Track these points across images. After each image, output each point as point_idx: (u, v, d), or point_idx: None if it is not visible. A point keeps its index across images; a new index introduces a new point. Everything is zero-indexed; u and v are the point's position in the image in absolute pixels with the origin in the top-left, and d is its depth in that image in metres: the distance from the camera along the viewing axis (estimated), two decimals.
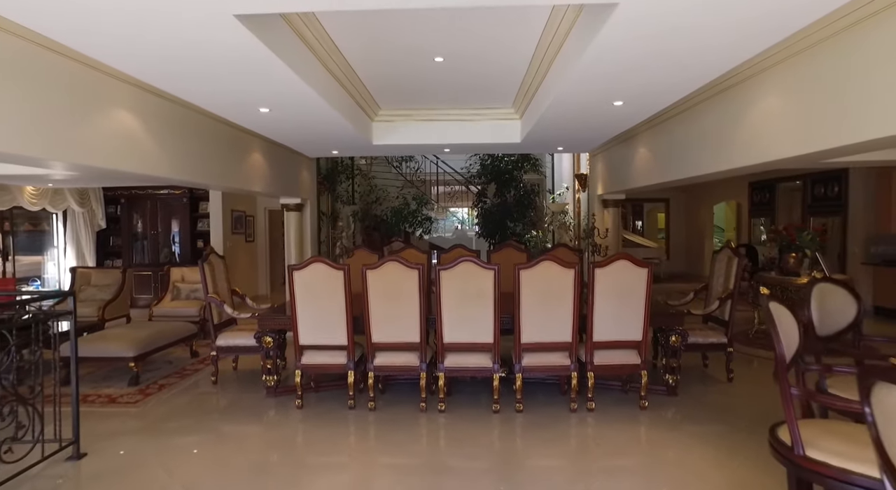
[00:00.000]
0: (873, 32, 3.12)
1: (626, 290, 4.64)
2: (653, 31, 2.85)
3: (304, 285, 4.77)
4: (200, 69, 3.48)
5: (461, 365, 4.81)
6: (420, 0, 2.45)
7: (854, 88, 3.29)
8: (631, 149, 7.23)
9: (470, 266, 4.64)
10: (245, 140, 6.53)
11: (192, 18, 2.64)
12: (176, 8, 2.52)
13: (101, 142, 4.23)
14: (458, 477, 3.67)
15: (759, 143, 4.51)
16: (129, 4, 2.44)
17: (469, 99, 5.91)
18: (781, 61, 4.07)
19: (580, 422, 4.63)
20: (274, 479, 3.65)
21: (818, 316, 2.95)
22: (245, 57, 3.20)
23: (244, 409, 5.07)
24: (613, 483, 3.60)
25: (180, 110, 5.24)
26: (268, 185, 7.25)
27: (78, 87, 4.02)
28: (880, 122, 3.02)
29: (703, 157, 5.42)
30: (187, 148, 5.45)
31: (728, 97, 4.94)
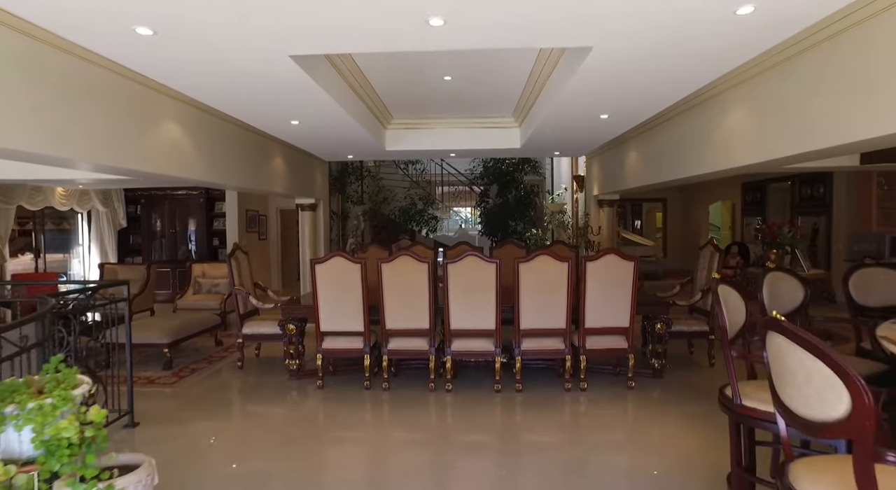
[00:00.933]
0: (813, 61, 3.67)
1: (614, 282, 5.17)
2: (618, 68, 3.46)
3: (326, 277, 5.30)
4: (253, 93, 4.11)
5: (466, 349, 5.34)
6: (433, 44, 2.98)
7: (801, 107, 3.84)
8: (623, 153, 7.77)
9: (474, 260, 5.17)
10: (268, 146, 7.09)
11: (258, 58, 3.22)
12: (246, 50, 3.10)
13: (155, 150, 4.81)
14: (464, 450, 4.15)
15: (727, 150, 5.06)
16: (212, 52, 3.01)
17: (473, 110, 6.49)
18: (743, 81, 4.61)
19: (573, 400, 5.15)
20: (299, 451, 4.12)
21: (769, 299, 3.48)
22: (291, 84, 3.80)
23: (269, 390, 5.60)
24: (603, 456, 4.08)
25: (215, 121, 5.81)
26: (287, 186, 7.82)
27: (138, 104, 4.58)
28: (823, 136, 3.56)
29: (684, 161, 5.96)
30: (221, 154, 6.01)
31: (703, 110, 5.49)
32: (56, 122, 3.56)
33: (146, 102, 4.67)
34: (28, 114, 3.34)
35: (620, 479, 3.65)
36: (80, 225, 11.21)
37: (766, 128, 4.33)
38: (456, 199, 15.74)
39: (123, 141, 4.35)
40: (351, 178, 11.95)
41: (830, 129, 3.51)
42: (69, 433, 1.88)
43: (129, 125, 4.44)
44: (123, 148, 4.34)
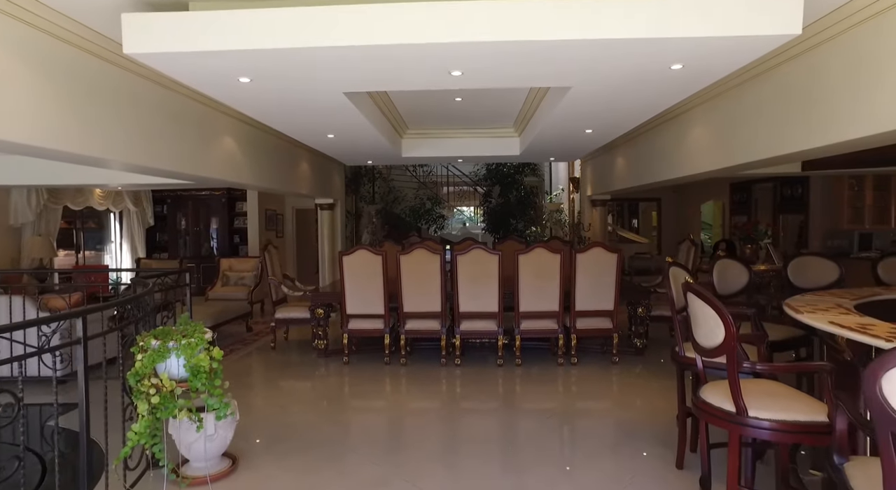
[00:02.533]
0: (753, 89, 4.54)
1: (601, 271, 6.01)
2: (592, 100, 4.45)
3: (351, 267, 6.16)
4: (309, 117, 5.10)
5: (473, 329, 6.19)
6: (452, 85, 3.86)
7: (747, 125, 4.70)
8: (612, 158, 8.63)
9: (480, 252, 6.03)
10: (296, 152, 8.00)
11: (319, 95, 4.20)
12: (312, 91, 4.07)
13: (217, 160, 5.76)
14: (471, 415, 4.93)
15: (692, 159, 5.94)
16: (287, 92, 3.92)
17: (479, 122, 7.42)
18: (702, 103, 5.53)
19: (565, 373, 5.99)
20: (328, 417, 4.86)
21: (718, 281, 4.33)
22: (338, 111, 4.78)
23: (301, 366, 6.46)
24: (591, 420, 4.83)
25: (258, 133, 6.76)
26: (310, 187, 8.72)
27: (204, 123, 5.55)
28: (764, 148, 4.41)
29: (659, 167, 6.85)
30: (262, 161, 6.97)
31: (673, 125, 6.39)
32: (153, 140, 4.51)
33: (209, 120, 5.61)
34: (136, 136, 4.36)
35: (603, 431, 4.48)
36: (113, 223, 12.09)
37: (720, 141, 5.21)
38: (460, 198, 16.65)
39: (196, 153, 5.32)
40: (364, 180, 12.85)
41: (769, 142, 4.36)
42: (204, 363, 2.73)
43: (198, 140, 5.40)
44: (196, 159, 5.32)
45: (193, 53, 2.96)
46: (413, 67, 3.39)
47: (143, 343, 2.81)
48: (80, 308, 2.67)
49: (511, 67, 3.41)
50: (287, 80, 3.67)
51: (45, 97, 3.42)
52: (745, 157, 4.63)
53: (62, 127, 3.56)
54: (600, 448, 4.08)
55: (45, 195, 9.15)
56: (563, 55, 3.16)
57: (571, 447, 4.29)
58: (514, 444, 4.24)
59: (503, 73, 3.55)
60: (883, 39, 3.10)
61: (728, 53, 3.05)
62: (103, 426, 2.87)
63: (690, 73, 3.46)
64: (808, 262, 4.69)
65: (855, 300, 3.29)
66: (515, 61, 3.26)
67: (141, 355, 2.76)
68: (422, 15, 2.84)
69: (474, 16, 2.79)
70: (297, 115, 4.94)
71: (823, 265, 4.60)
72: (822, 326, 2.53)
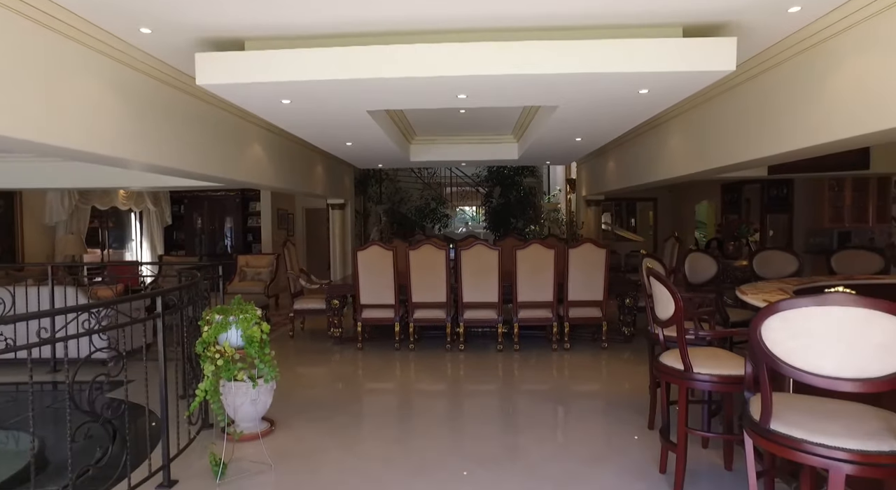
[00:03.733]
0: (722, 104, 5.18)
1: (591, 265, 6.64)
2: (578, 116, 5.17)
3: (365, 261, 6.79)
4: (335, 130, 5.90)
5: (475, 318, 6.82)
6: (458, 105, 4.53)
7: (716, 134, 5.34)
8: (604, 161, 9.27)
9: (481, 248, 6.66)
10: (312, 157, 8.68)
11: (347, 112, 4.91)
12: (341, 111, 4.80)
13: (247, 164, 6.48)
14: (474, 396, 5.48)
15: (671, 164, 6.61)
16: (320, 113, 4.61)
17: (481, 130, 8.11)
18: (679, 115, 6.19)
19: (559, 358, 6.62)
20: (347, 394, 5.51)
21: (689, 272, 4.96)
22: (360, 125, 5.52)
23: (318, 352, 7.09)
24: (580, 396, 5.43)
25: (281, 140, 7.47)
26: (324, 188, 9.38)
27: (238, 132, 6.27)
28: (728, 155, 5.05)
29: (645, 170, 7.50)
30: (284, 165, 7.68)
31: (655, 133, 7.07)
32: (199, 149, 5.23)
33: (242, 130, 6.34)
34: (188, 146, 5.11)
35: (590, 405, 5.13)
36: (134, 223, 12.76)
37: (694, 148, 5.86)
38: (463, 198, 17.31)
39: (232, 159, 6.06)
40: (371, 181, 13.51)
41: (733, 150, 5.00)
42: (256, 334, 3.36)
43: (234, 147, 6.14)
44: (232, 165, 6.07)
45: (248, 84, 3.64)
46: (425, 93, 4.07)
47: (208, 317, 3.45)
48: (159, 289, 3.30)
49: (507, 92, 4.07)
50: (319, 102, 4.37)
51: (123, 117, 4.14)
52: (714, 163, 5.27)
53: (134, 141, 4.28)
54: (586, 416, 4.72)
55: (76, 196, 9.82)
56: (552, 84, 3.84)
57: (560, 416, 4.92)
58: (511, 414, 4.88)
59: (501, 96, 4.22)
60: (814, 69, 3.75)
61: (682, 83, 3.75)
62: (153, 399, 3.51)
63: (655, 96, 4.12)
64: (771, 256, 5.32)
65: (797, 286, 3.92)
66: (511, 88, 3.92)
67: (207, 327, 3.40)
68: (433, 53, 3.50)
69: (476, 54, 3.45)
70: (324, 128, 5.69)
71: (784, 258, 5.23)
72: (753, 302, 3.17)
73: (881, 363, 1.92)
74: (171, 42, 3.89)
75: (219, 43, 3.82)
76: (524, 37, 3.48)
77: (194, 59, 3.67)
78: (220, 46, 3.88)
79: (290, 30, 3.60)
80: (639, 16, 3.37)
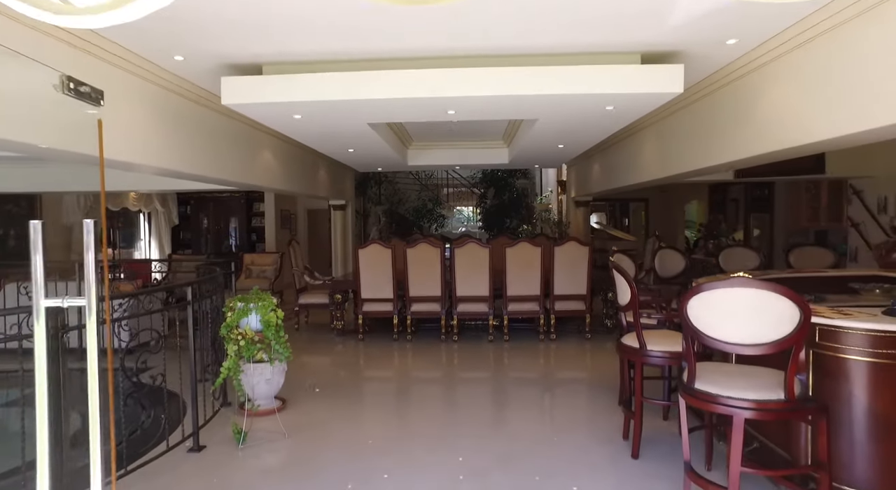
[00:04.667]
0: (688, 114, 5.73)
1: (575, 261, 7.17)
2: (557, 127, 5.78)
3: (366, 258, 7.32)
4: (339, 140, 6.60)
5: (468, 311, 7.36)
6: (448, 119, 5.09)
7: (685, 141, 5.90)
8: (590, 165, 9.82)
9: (474, 246, 7.20)
10: (316, 161, 9.25)
11: (350, 124, 5.54)
12: (344, 124, 5.41)
13: (259, 170, 7.06)
14: (467, 384, 5.98)
15: (646, 167, 7.18)
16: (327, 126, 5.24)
17: (473, 136, 8.71)
18: (652, 124, 6.74)
19: (546, 348, 7.14)
20: (349, 379, 6.09)
21: (659, 267, 5.51)
22: (361, 134, 6.14)
23: (322, 343, 7.62)
24: (564, 384, 5.96)
25: (288, 146, 8.04)
26: (327, 190, 9.93)
27: (251, 141, 6.82)
28: (689, 163, 5.61)
29: (625, 174, 8.09)
30: (291, 169, 8.27)
31: (632, 140, 7.66)
32: (219, 157, 5.80)
33: (255, 139, 6.93)
34: (211, 155, 5.77)
35: (572, 387, 5.67)
36: (142, 223, 13.28)
37: (663, 155, 6.42)
38: (459, 199, 17.87)
39: (247, 165, 6.65)
40: (371, 183, 14.05)
41: (695, 157, 5.55)
42: (273, 319, 3.90)
43: (248, 155, 6.75)
44: (247, 170, 6.69)
45: (265, 103, 4.20)
46: (419, 109, 4.64)
47: (231, 304, 3.98)
48: (192, 279, 3.83)
49: (491, 109, 4.66)
50: (326, 117, 4.98)
51: (165, 132, 4.73)
52: (678, 169, 5.85)
53: (172, 152, 4.89)
54: (566, 396, 5.27)
55: (91, 198, 10.34)
56: (532, 103, 4.43)
57: (543, 397, 5.45)
58: (500, 394, 5.42)
59: (485, 112, 4.84)
60: (748, 92, 4.36)
61: (640, 101, 4.41)
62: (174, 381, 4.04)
63: (619, 112, 4.70)
64: (734, 253, 5.87)
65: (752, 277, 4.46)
66: (495, 105, 4.51)
67: (230, 313, 3.93)
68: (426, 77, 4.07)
69: (464, 78, 4.01)
70: (330, 137, 6.36)
71: (746, 254, 5.78)
72: None
73: (772, 331, 2.47)
74: (200, 66, 4.48)
75: (240, 67, 4.38)
76: (506, 62, 4.04)
77: (218, 80, 4.25)
78: (241, 71, 4.45)
79: (301, 57, 4.16)
80: (604, 46, 3.93)
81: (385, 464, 3.66)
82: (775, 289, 2.41)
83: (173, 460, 3.65)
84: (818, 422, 2.58)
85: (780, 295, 2.40)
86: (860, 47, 3.27)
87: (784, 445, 3.03)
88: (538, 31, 3.71)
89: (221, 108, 5.71)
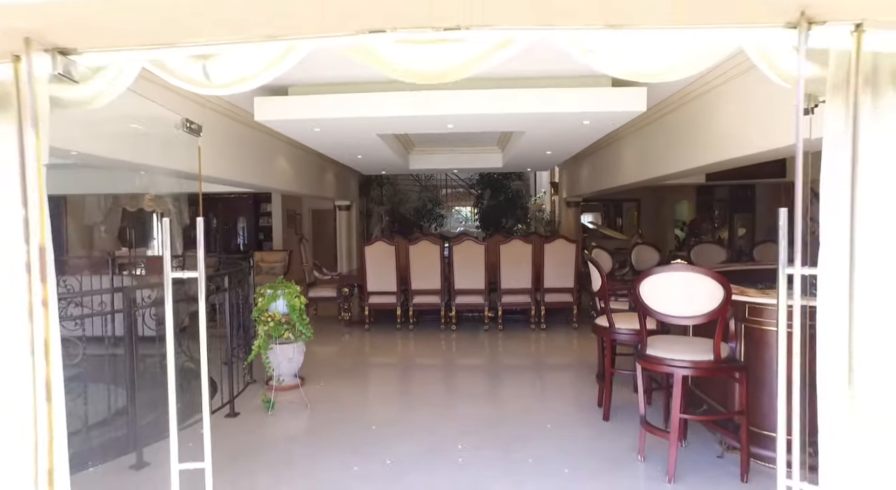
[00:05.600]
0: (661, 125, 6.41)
1: (563, 257, 7.83)
2: (542, 138, 6.46)
3: (372, 255, 7.97)
4: (350, 149, 7.33)
5: (465, 302, 8.01)
6: (447, 131, 5.74)
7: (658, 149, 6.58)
8: (579, 168, 10.51)
9: (470, 243, 7.86)
10: (324, 165, 9.93)
11: (361, 135, 6.21)
12: (357, 135, 6.11)
13: (276, 174, 7.77)
14: (464, 370, 6.60)
15: (626, 171, 7.86)
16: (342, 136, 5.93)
17: (470, 142, 9.42)
18: (630, 133, 7.42)
19: (537, 337, 7.80)
20: (358, 363, 6.74)
21: (636, 261, 6.18)
22: (370, 143, 6.81)
23: (331, 333, 8.25)
24: (551, 366, 6.67)
25: (299, 152, 8.72)
26: (334, 192, 10.61)
27: (270, 148, 7.50)
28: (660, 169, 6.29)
29: (609, 177, 8.80)
30: (302, 173, 8.94)
31: (615, 146, 8.36)
32: (246, 164, 6.52)
33: (274, 147, 7.60)
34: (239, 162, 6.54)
35: (559, 367, 6.34)
36: (156, 223, 13.91)
37: (642, 159, 7.09)
38: (457, 200, 18.58)
39: (267, 170, 7.36)
40: (374, 184, 14.74)
41: (665, 163, 6.24)
42: (297, 304, 4.56)
43: (268, 161, 7.45)
44: (267, 175, 7.43)
45: (292, 119, 4.89)
46: (422, 123, 5.34)
47: (261, 291, 4.64)
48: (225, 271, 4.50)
49: (485, 123, 5.34)
50: (341, 130, 5.80)
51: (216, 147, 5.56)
52: (650, 174, 6.57)
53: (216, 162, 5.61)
54: (551, 375, 5.94)
55: (111, 200, 10.99)
56: (520, 119, 5.10)
57: (531, 376, 6.13)
58: (494, 376, 6.10)
59: (480, 125, 5.55)
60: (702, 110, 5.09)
61: (611, 118, 5.16)
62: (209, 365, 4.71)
63: (594, 126, 5.45)
64: (704, 249, 6.55)
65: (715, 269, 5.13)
66: (487, 120, 5.22)
67: (261, 299, 4.59)
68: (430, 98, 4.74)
69: (461, 99, 4.69)
70: (342, 146, 7.15)
71: (715, 250, 6.46)
72: None
73: (703, 306, 3.14)
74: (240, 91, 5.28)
75: (269, 88, 5.08)
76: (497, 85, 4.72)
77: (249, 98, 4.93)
78: (271, 92, 5.17)
79: (322, 80, 4.87)
80: (580, 71, 4.62)
81: (391, 430, 4.33)
82: (704, 272, 3.08)
83: (215, 423, 4.31)
84: (741, 379, 3.25)
85: (707, 277, 3.07)
86: None
87: (723, 403, 3.70)
88: (525, 61, 4.38)
89: (247, 120, 6.37)
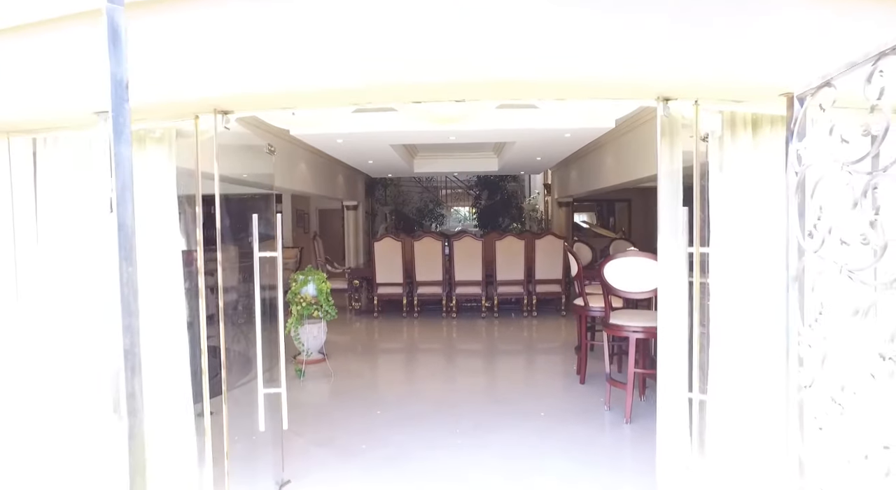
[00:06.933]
0: (636, 134, 7.28)
1: (552, 252, 8.72)
2: (531, 146, 7.31)
3: (380, 250, 8.85)
4: (363, 154, 8.02)
5: (464, 293, 8.90)
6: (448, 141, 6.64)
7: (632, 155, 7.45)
8: (569, 170, 11.41)
9: (469, 239, 8.75)
10: (335, 167, 10.79)
11: (376, 145, 7.04)
12: (372, 145, 6.87)
13: (298, 178, 8.61)
14: (463, 354, 7.41)
15: (606, 175, 8.73)
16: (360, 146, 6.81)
17: (469, 148, 10.34)
18: (610, 141, 8.28)
19: (528, 323, 8.69)
20: (362, 356, 7.56)
21: (614, 252, 7.06)
22: (383, 152, 7.60)
23: (343, 322, 9.11)
24: (540, 346, 7.57)
25: (315, 157, 9.59)
26: (343, 193, 11.48)
27: (293, 155, 8.37)
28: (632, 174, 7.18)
29: (593, 179, 9.67)
30: (318, 175, 9.79)
31: (599, 152, 9.20)
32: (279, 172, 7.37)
33: (296, 154, 8.44)
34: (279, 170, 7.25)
35: (548, 347, 7.23)
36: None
37: (619, 165, 7.98)
38: (456, 200, 19.50)
39: (289, 175, 8.20)
40: (378, 186, 15.64)
41: (631, 170, 7.13)
42: (325, 288, 5.44)
43: (293, 167, 8.31)
44: (293, 179, 8.26)
45: (321, 133, 5.84)
46: (428, 136, 6.23)
47: (294, 278, 5.53)
48: None
49: (482, 135, 6.25)
50: (360, 140, 6.66)
51: None
52: (624, 178, 7.44)
53: None
54: (539, 352, 6.82)
55: None
56: (510, 133, 6.00)
57: (522, 354, 7.02)
58: (490, 355, 6.99)
59: (478, 136, 6.42)
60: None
61: (587, 132, 6.02)
62: None
63: (574, 137, 6.40)
64: None
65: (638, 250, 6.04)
66: (484, 132, 6.11)
67: (293, 284, 5.48)
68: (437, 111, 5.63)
69: None
70: (358, 153, 8.02)
71: None
72: None
73: (649, 283, 4.03)
74: None
75: None
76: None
77: None
78: None
79: None
80: None
81: (404, 392, 5.22)
82: (650, 257, 3.98)
83: None
84: None
85: (652, 260, 3.96)
86: None
87: None
88: None
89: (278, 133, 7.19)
